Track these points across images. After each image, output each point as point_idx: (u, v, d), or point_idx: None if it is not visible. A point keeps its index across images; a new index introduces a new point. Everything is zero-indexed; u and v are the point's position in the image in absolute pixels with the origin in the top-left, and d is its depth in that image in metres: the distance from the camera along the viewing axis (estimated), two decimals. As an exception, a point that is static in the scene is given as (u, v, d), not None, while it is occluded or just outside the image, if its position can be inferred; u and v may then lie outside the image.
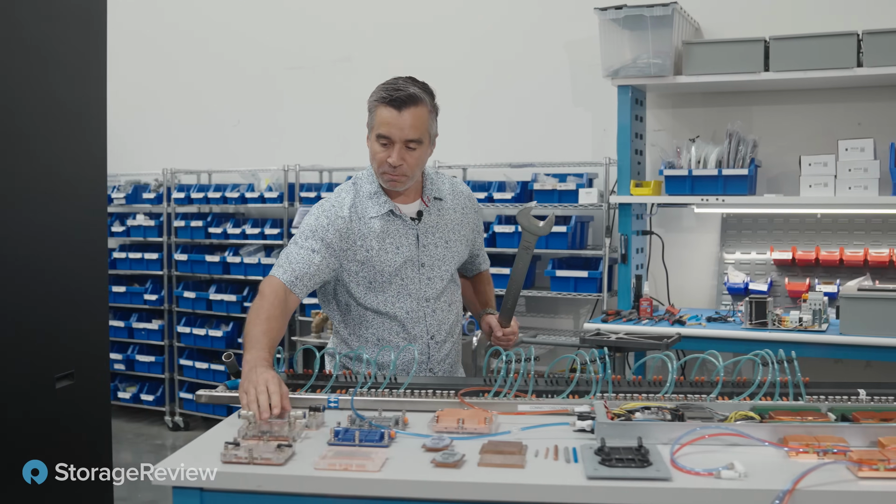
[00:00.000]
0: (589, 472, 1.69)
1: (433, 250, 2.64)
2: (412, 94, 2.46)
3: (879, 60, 4.02)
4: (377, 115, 2.48)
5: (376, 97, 2.49)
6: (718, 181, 4.32)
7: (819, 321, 3.89)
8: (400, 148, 2.46)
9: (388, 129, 2.45)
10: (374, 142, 2.50)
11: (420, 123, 2.47)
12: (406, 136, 2.46)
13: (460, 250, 2.72)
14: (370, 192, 2.60)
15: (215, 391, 2.40)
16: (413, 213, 2.63)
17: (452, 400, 2.21)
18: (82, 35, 3.04)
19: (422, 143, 2.50)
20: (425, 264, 2.62)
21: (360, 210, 2.58)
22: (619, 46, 4.45)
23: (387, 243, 2.57)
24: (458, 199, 2.74)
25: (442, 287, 2.66)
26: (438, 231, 2.66)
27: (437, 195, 2.68)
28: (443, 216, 2.68)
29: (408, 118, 2.45)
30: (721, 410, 2.04)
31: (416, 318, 2.62)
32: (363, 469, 1.75)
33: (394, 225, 2.59)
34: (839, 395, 2.18)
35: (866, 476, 1.66)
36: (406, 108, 2.45)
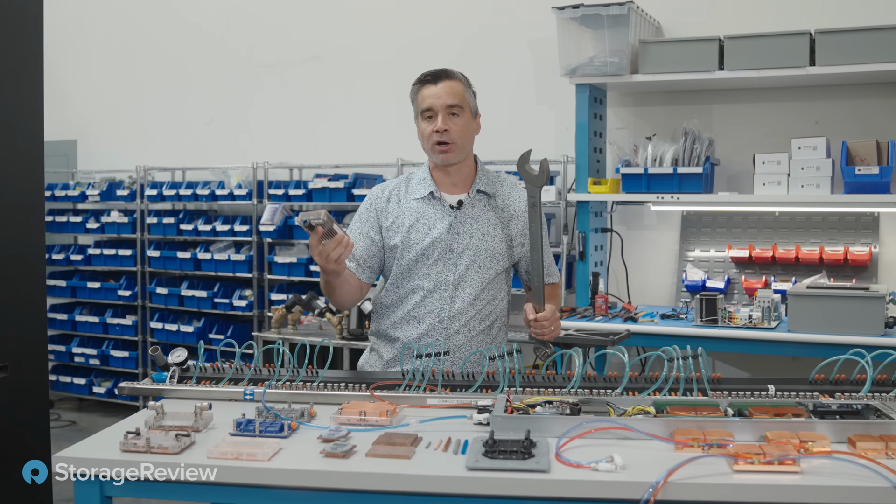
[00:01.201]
0: (469, 463, 1.72)
1: (466, 239, 2.68)
2: (444, 69, 2.70)
3: (832, 59, 4.04)
4: (419, 97, 2.68)
5: (414, 85, 2.71)
6: (674, 179, 4.35)
7: (769, 319, 3.91)
8: (444, 116, 2.62)
9: (430, 100, 2.64)
10: (422, 121, 2.68)
11: (457, 91, 2.66)
12: (446, 102, 2.63)
13: (498, 247, 2.72)
14: (420, 177, 2.76)
15: (137, 383, 2.44)
16: (454, 201, 2.72)
17: (365, 393, 2.25)
18: (15, 37, 3.05)
19: (463, 109, 2.66)
20: (454, 250, 2.67)
21: (407, 193, 2.75)
22: (577, 45, 4.47)
23: (420, 222, 2.69)
24: (512, 201, 2.78)
25: (465, 275, 2.67)
26: (477, 223, 2.71)
27: (484, 189, 2.74)
28: (487, 210, 2.73)
29: (445, 87, 2.64)
30: (623, 405, 2.07)
31: (430, 298, 2.67)
32: (253, 458, 1.79)
33: (432, 207, 2.71)
34: (747, 391, 2.21)
35: (741, 469, 1.69)
36: (441, 80, 2.66)
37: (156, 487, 1.82)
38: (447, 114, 2.63)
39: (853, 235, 4.45)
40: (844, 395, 2.18)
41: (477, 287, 2.69)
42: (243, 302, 5.88)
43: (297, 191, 5.66)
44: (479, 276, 2.69)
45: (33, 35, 3.13)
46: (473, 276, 2.69)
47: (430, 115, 2.64)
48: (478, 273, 2.69)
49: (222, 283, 6.03)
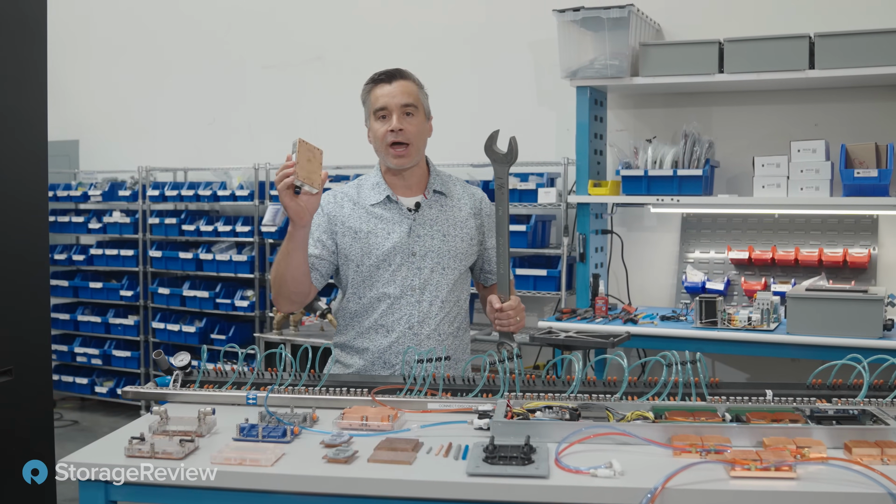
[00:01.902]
0: (470, 469, 1.74)
1: (427, 241, 2.65)
2: (397, 69, 2.67)
3: (831, 62, 4.06)
4: (371, 97, 2.64)
5: (366, 85, 2.67)
6: (674, 181, 4.37)
7: (768, 321, 3.94)
8: (398, 115, 2.59)
9: (384, 100, 2.60)
10: (374, 122, 2.64)
11: (411, 90, 2.63)
12: (400, 102, 2.60)
13: (460, 246, 2.71)
14: (373, 183, 2.72)
15: (141, 387, 2.46)
16: (411, 204, 2.69)
17: (367, 398, 2.27)
18: (19, 40, 3.07)
19: (417, 109, 2.63)
20: (416, 253, 2.64)
21: (360, 199, 2.69)
22: (578, 47, 4.49)
23: (378, 227, 2.65)
24: (467, 199, 2.77)
25: (429, 279, 2.65)
26: (437, 224, 2.68)
27: (440, 189, 2.72)
28: (445, 211, 2.71)
29: (398, 87, 2.61)
30: (622, 410, 2.09)
31: (397, 305, 2.64)
32: (256, 463, 1.80)
33: (390, 212, 2.67)
34: (744, 396, 2.23)
35: (738, 475, 1.71)
36: (395, 80, 2.63)
37: (160, 493, 1.84)
38: (402, 113, 2.60)
39: (852, 237, 4.47)
40: (841, 401, 2.20)
41: (443, 290, 2.68)
42: (245, 302, 5.91)
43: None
44: (444, 278, 2.68)
45: (37, 36, 3.16)
46: (438, 279, 2.67)
47: (383, 115, 2.61)
48: (442, 275, 2.67)
49: (224, 284, 6.06)
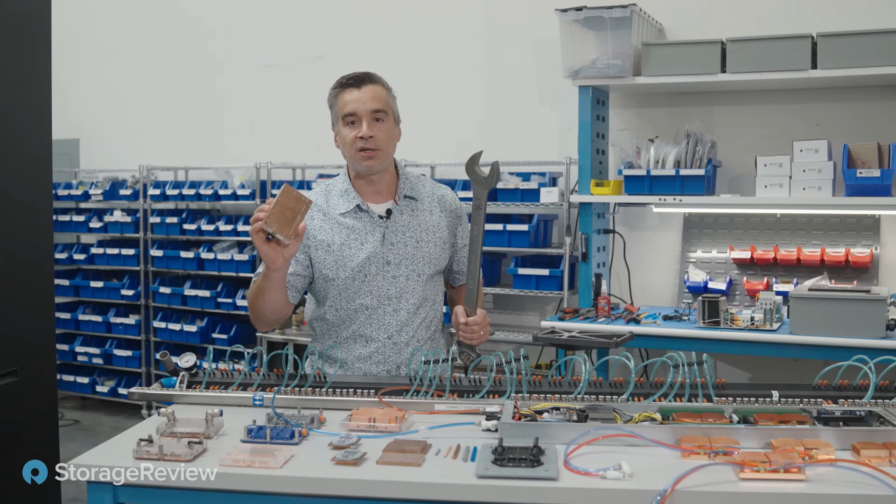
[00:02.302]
0: (479, 471, 1.74)
1: (401, 248, 2.62)
2: (366, 73, 2.60)
3: (834, 62, 4.06)
4: (339, 101, 2.58)
5: (334, 88, 2.61)
6: (676, 181, 4.37)
7: (771, 321, 3.94)
8: (368, 121, 2.53)
9: (353, 105, 2.54)
10: (343, 127, 2.58)
11: (381, 96, 2.57)
12: (370, 108, 2.54)
13: (433, 251, 2.68)
14: (341, 190, 2.66)
15: (148, 388, 2.45)
16: (382, 210, 2.64)
17: (373, 399, 2.27)
18: (24, 40, 3.07)
19: (387, 114, 2.58)
20: (391, 262, 2.61)
21: (329, 208, 2.63)
22: (580, 47, 4.49)
23: (351, 238, 2.61)
24: (437, 203, 2.73)
25: (405, 286, 2.63)
26: (409, 230, 2.65)
27: (409, 194, 2.68)
28: (416, 216, 2.68)
29: (368, 92, 2.55)
30: (629, 411, 2.10)
31: (375, 316, 2.62)
32: (265, 466, 1.81)
33: (361, 221, 2.62)
34: (751, 397, 2.23)
35: (747, 477, 1.71)
36: (364, 84, 2.57)
37: (168, 495, 1.84)
38: (371, 119, 2.55)
39: (854, 237, 4.48)
40: (848, 402, 2.20)
41: (419, 296, 2.65)
42: (246, 302, 5.89)
43: (300, 191, 5.66)
44: (419, 283, 2.65)
45: (41, 36, 3.15)
46: (414, 286, 2.65)
47: (352, 121, 2.56)
48: (417, 282, 2.65)
49: (225, 283, 6.06)
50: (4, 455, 2.08)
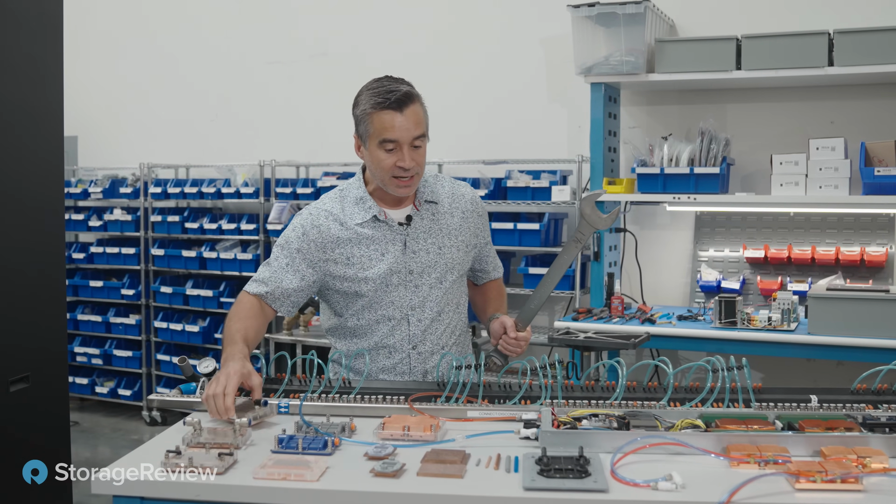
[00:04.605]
0: (526, 482, 1.68)
1: (423, 256, 2.52)
2: (407, 91, 2.39)
3: (850, 60, 4.01)
4: (375, 121, 2.37)
5: (370, 104, 2.38)
6: (690, 179, 4.31)
7: (788, 321, 3.89)
8: (408, 149, 2.38)
9: (395, 132, 2.36)
10: (378, 149, 2.39)
11: (421, 119, 2.41)
12: (413, 135, 2.38)
13: (456, 256, 2.57)
14: (356, 197, 2.52)
15: (167, 395, 2.39)
16: (402, 217, 2.52)
17: (403, 406, 2.20)
18: (37, 38, 3.01)
19: (424, 136, 2.43)
20: (413, 271, 2.51)
21: (345, 217, 2.50)
22: (592, 44, 4.43)
23: (371, 250, 2.49)
24: (458, 203, 2.60)
25: (428, 295, 2.53)
26: (431, 236, 2.54)
27: (430, 198, 2.56)
28: (437, 220, 2.56)
29: (410, 117, 2.37)
30: (669, 418, 2.04)
31: (398, 327, 2.53)
32: (301, 478, 1.74)
33: (380, 231, 2.50)
34: (790, 402, 2.18)
35: (803, 488, 1.65)
36: (406, 107, 2.37)
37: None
38: (411, 146, 2.39)
39: (869, 236, 4.43)
40: (891, 407, 2.15)
41: (442, 303, 2.56)
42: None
43: (305, 189, 5.61)
44: (442, 290, 2.55)
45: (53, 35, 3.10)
46: (437, 294, 2.54)
47: (391, 148, 2.38)
48: (440, 289, 2.55)
49: (228, 283, 5.98)
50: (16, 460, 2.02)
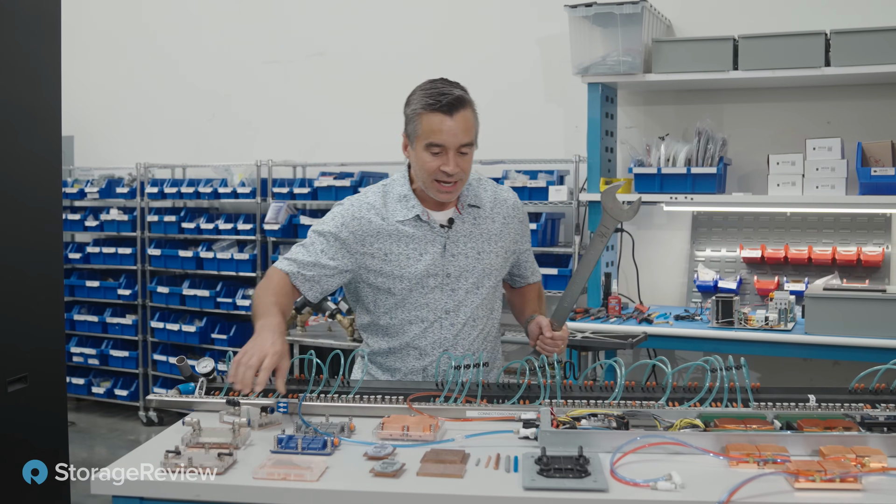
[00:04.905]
0: (526, 482, 1.68)
1: (462, 260, 2.49)
2: (459, 96, 2.35)
3: (847, 60, 4.02)
4: (424, 122, 2.35)
5: (421, 104, 2.36)
6: (687, 179, 4.32)
7: (785, 320, 3.90)
8: (454, 155, 2.35)
9: (442, 136, 2.33)
10: (423, 151, 2.37)
11: (470, 126, 2.37)
12: (460, 142, 2.34)
13: (494, 262, 2.55)
14: (400, 194, 2.49)
15: (166, 395, 2.38)
16: (444, 219, 2.49)
17: (402, 406, 2.20)
18: (35, 37, 3.01)
19: (472, 145, 2.39)
20: (451, 274, 2.48)
21: (387, 213, 2.47)
22: (589, 44, 4.44)
23: (410, 249, 2.46)
24: (500, 208, 2.58)
25: (464, 300, 2.51)
26: (471, 240, 2.51)
27: (473, 202, 2.53)
28: (478, 225, 2.53)
29: (459, 123, 2.34)
30: (668, 417, 2.04)
31: (431, 329, 2.51)
32: (301, 479, 1.74)
33: (421, 231, 2.47)
34: (788, 402, 2.18)
35: (802, 487, 1.66)
36: (456, 112, 2.33)
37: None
38: (457, 152, 2.36)
39: (865, 236, 4.44)
40: (889, 406, 2.15)
41: (477, 308, 2.54)
42: (247, 302, 5.82)
43: (301, 189, 5.61)
44: (479, 296, 2.53)
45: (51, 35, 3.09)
46: (472, 299, 2.53)
47: (437, 152, 2.36)
48: (476, 294, 2.53)
49: (225, 283, 5.97)
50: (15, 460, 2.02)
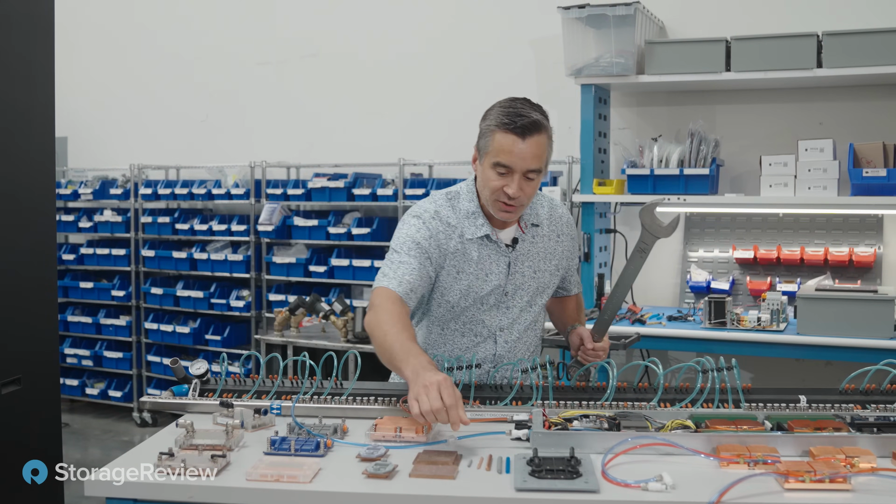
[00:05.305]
0: (518, 483, 1.69)
1: (519, 279, 2.49)
2: (535, 120, 2.29)
3: (839, 61, 4.03)
4: (495, 140, 2.30)
5: (495, 121, 2.32)
6: (680, 180, 4.33)
7: (777, 321, 3.92)
8: (519, 178, 2.30)
9: (510, 157, 2.28)
10: (490, 169, 2.33)
11: (542, 152, 2.31)
12: (528, 167, 2.29)
13: (547, 280, 2.56)
14: (468, 211, 2.46)
15: (159, 397, 2.38)
16: (509, 239, 2.49)
17: (395, 407, 2.21)
18: (28, 38, 3.01)
19: (540, 172, 2.34)
20: (509, 293, 2.49)
21: (460, 230, 2.45)
22: (582, 45, 4.45)
23: (478, 268, 2.44)
24: (554, 226, 2.58)
25: (518, 317, 2.52)
26: (529, 259, 2.51)
27: (535, 221, 2.52)
28: (536, 243, 2.53)
29: (530, 147, 2.28)
30: (659, 418, 2.05)
31: (483, 345, 2.52)
32: (294, 480, 1.75)
33: (487, 249, 2.45)
34: (779, 403, 2.19)
35: (792, 487, 1.67)
36: (530, 135, 2.27)
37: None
38: (523, 176, 2.30)
39: (857, 237, 4.46)
40: (879, 407, 2.16)
41: (528, 325, 2.57)
42: (241, 303, 5.83)
43: (295, 190, 5.61)
44: (531, 314, 2.55)
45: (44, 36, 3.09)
46: (526, 316, 2.54)
47: (503, 172, 2.31)
48: (529, 312, 2.55)
49: (219, 284, 5.98)
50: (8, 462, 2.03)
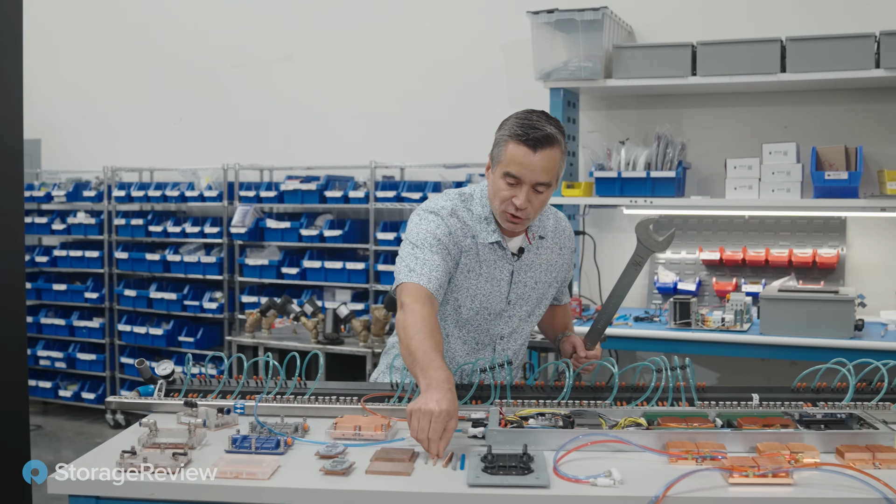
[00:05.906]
0: (470, 479, 1.73)
1: (521, 289, 2.51)
2: (549, 134, 2.28)
3: (802, 66, 4.11)
4: (507, 150, 2.29)
5: (509, 132, 2.30)
6: (647, 183, 4.39)
7: (741, 321, 3.98)
8: (528, 190, 2.30)
9: (520, 169, 2.28)
10: (500, 178, 2.33)
11: (553, 166, 2.31)
12: (537, 179, 2.29)
13: (546, 292, 2.59)
14: (481, 215, 2.46)
15: (125, 397, 2.41)
16: (515, 248, 2.50)
17: (356, 406, 2.25)
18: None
19: (550, 186, 2.34)
20: (511, 302, 2.51)
21: (472, 230, 2.45)
22: (551, 49, 4.50)
23: (484, 272, 2.45)
24: (558, 238, 2.60)
25: (518, 327, 2.56)
26: (532, 270, 2.52)
27: (541, 233, 2.54)
28: (540, 255, 2.54)
29: (541, 160, 2.27)
30: (614, 416, 2.11)
31: (482, 353, 2.54)
32: (253, 477, 1.78)
33: (494, 255, 2.46)
34: (732, 401, 2.25)
35: (736, 482, 1.73)
36: (541, 148, 2.27)
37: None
38: (532, 189, 2.30)
39: (821, 238, 4.54)
40: (827, 404, 2.23)
41: (526, 334, 2.62)
42: (214, 304, 5.84)
43: (268, 192, 5.63)
44: (530, 324, 2.60)
45: (12, 38, 3.09)
46: (525, 327, 2.59)
47: (511, 183, 2.31)
48: (528, 322, 2.59)
49: (192, 286, 5.99)
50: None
